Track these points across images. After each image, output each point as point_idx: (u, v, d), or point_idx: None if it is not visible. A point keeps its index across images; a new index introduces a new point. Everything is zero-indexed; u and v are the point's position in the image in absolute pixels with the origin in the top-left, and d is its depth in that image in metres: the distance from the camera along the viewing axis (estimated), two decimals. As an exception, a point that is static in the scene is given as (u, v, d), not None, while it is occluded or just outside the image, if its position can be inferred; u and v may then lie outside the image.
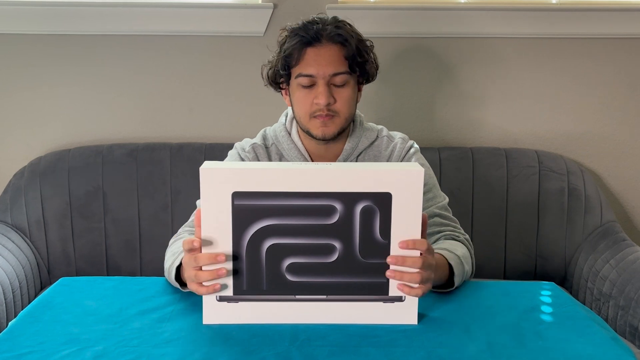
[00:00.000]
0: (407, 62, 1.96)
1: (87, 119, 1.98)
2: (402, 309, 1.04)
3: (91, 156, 1.88)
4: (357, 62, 1.32)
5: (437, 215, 1.35)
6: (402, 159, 1.40)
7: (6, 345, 0.98)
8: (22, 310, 1.13)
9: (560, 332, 1.04)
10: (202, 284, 1.02)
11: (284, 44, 1.33)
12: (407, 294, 1.03)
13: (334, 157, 1.40)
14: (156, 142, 1.93)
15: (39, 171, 1.87)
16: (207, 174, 0.98)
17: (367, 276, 1.02)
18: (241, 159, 1.40)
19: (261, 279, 1.02)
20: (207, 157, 1.88)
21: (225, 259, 1.00)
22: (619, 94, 1.98)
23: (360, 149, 1.40)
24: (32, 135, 1.98)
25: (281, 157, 1.41)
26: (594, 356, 0.97)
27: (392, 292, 1.03)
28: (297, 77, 1.32)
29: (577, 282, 1.80)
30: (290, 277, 1.02)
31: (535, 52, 1.95)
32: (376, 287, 1.03)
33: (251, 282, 1.02)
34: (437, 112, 2.00)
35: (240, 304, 1.03)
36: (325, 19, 1.33)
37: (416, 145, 1.43)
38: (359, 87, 1.39)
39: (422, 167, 1.00)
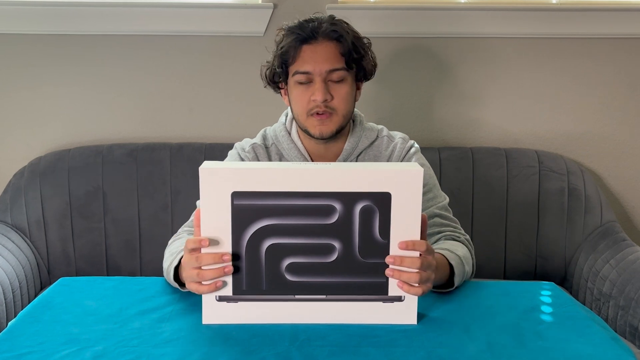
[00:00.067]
0: (407, 62, 1.96)
1: (87, 119, 1.98)
2: (401, 309, 1.04)
3: (91, 156, 1.88)
4: (354, 58, 1.31)
5: (437, 215, 1.35)
6: (403, 159, 1.39)
7: (6, 345, 0.98)
8: (22, 310, 1.13)
9: (560, 332, 1.04)
10: (202, 282, 1.02)
11: (281, 42, 1.33)
12: (407, 292, 1.03)
13: (334, 157, 1.40)
14: (156, 142, 1.93)
15: (39, 171, 1.87)
16: (206, 174, 0.98)
17: (366, 276, 1.02)
18: (241, 159, 1.40)
19: (261, 278, 1.02)
20: (207, 157, 1.88)
21: (230, 258, 1.00)
22: (619, 94, 1.98)
23: (360, 149, 1.40)
24: (32, 135, 1.98)
25: (281, 157, 1.41)
26: (594, 356, 0.96)
27: (392, 291, 1.03)
28: (294, 74, 1.32)
29: (577, 282, 1.80)
30: (289, 277, 1.02)
31: (535, 52, 1.95)
32: (376, 287, 1.03)
33: (251, 282, 1.02)
34: (437, 112, 2.00)
35: (239, 303, 1.03)
36: (321, 17, 1.34)
37: (416, 145, 1.43)
38: (358, 85, 1.39)
39: (422, 167, 1.00)
